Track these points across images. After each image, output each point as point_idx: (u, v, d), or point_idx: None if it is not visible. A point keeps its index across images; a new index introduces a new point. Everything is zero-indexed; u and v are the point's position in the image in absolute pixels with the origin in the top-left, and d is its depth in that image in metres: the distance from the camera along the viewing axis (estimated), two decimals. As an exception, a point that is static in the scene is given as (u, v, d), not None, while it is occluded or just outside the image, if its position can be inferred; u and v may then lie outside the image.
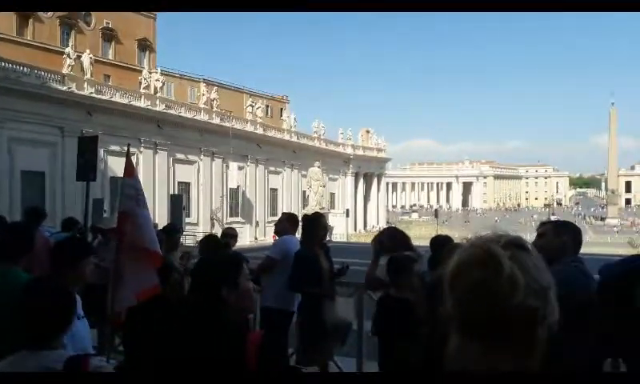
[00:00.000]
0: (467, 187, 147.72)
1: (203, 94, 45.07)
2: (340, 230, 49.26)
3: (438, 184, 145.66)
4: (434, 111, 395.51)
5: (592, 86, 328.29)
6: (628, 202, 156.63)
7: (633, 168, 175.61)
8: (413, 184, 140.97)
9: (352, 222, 59.32)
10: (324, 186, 48.66)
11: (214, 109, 44.51)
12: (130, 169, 4.94)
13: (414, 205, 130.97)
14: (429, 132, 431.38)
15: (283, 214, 6.97)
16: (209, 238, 6.60)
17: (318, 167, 47.35)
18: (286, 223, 6.22)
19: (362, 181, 67.63)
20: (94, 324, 4.71)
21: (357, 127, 71.65)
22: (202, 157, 42.07)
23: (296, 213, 8.71)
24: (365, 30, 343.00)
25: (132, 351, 2.13)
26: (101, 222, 10.22)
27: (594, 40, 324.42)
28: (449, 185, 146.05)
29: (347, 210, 56.51)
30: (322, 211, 44.13)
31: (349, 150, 64.99)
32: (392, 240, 5.00)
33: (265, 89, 74.76)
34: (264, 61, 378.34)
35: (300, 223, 5.91)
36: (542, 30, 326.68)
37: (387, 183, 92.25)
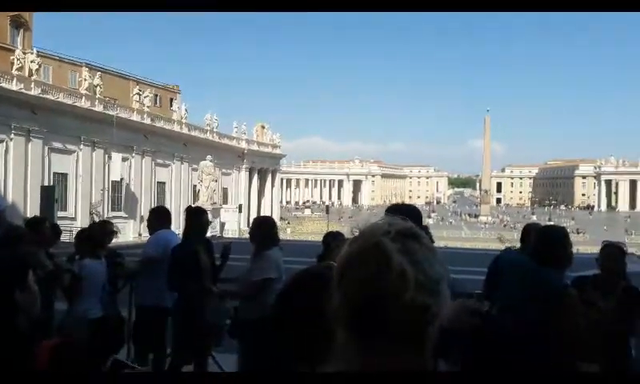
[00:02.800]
0: (357, 185, 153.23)
1: (85, 80, 41.71)
2: (233, 225, 48.50)
3: (330, 181, 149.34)
4: (326, 110, 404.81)
5: (470, 93, 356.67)
6: (499, 200, 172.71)
7: (503, 170, 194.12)
8: (306, 181, 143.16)
9: (245, 218, 58.75)
10: (216, 181, 47.57)
11: (97, 95, 41.45)
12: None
13: (307, 201, 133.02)
14: (322, 130, 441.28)
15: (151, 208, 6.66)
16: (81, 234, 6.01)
17: (210, 161, 46.17)
18: (151, 217, 5.95)
19: (256, 176, 67.21)
20: None
21: (252, 122, 71.02)
22: (81, 146, 39.00)
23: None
24: (260, 27, 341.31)
25: None
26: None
27: (473, 49, 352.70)
28: (340, 182, 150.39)
29: (240, 206, 55.82)
30: (213, 206, 43.44)
31: (243, 145, 64.23)
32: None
33: (155, 77, 71.21)
34: (155, 48, 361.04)
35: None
36: (429, 35, 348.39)
37: (281, 179, 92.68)
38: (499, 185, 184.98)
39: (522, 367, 2.47)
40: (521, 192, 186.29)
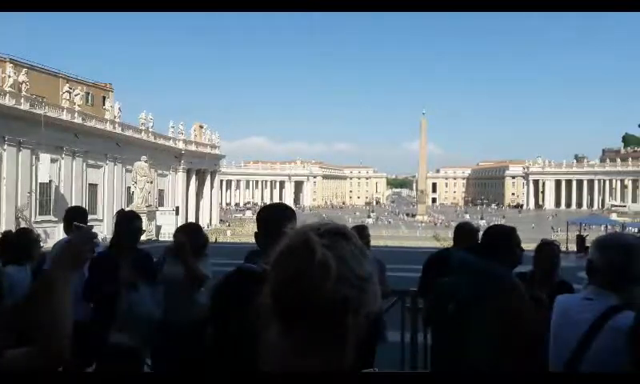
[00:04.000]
0: (299, 186, 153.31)
1: (9, 76, 39.07)
2: (169, 228, 47.01)
3: (271, 182, 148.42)
4: (268, 110, 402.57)
5: (407, 96, 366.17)
6: (434, 200, 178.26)
7: (438, 171, 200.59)
8: (247, 182, 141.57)
9: (183, 221, 57.16)
10: (151, 182, 45.98)
11: (23, 93, 38.96)
12: None
13: (248, 202, 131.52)
14: (263, 131, 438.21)
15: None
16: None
17: (145, 162, 44.56)
18: (65, 218, 5.24)
19: (194, 177, 65.64)
20: None
21: (189, 122, 69.28)
22: (5, 146, 36.49)
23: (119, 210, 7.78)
24: (201, 27, 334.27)
25: None
26: None
27: (410, 52, 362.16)
28: (282, 183, 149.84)
29: (177, 208, 54.25)
30: (149, 209, 41.96)
31: (180, 145, 62.55)
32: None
33: (87, 75, 67.86)
34: (87, 46, 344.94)
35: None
36: (370, 36, 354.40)
37: (221, 180, 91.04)
38: (434, 185, 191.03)
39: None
40: (455, 192, 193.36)
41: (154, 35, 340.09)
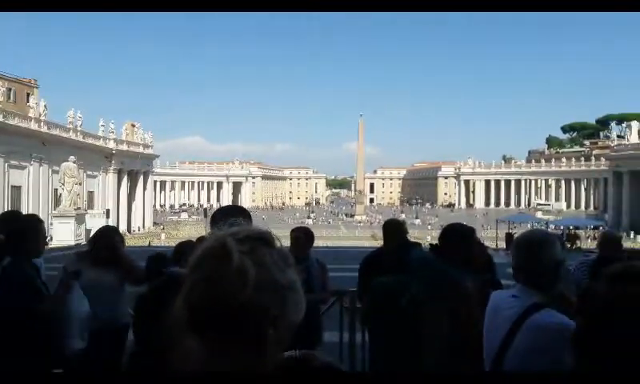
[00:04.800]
0: (237, 187, 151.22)
1: None
2: (100, 231, 44.91)
3: (208, 183, 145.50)
4: (204, 109, 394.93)
5: (346, 97, 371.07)
6: (372, 200, 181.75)
7: (375, 172, 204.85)
8: (182, 183, 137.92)
9: (113, 224, 54.82)
10: (80, 184, 43.74)
11: None
12: None
13: (184, 204, 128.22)
14: (199, 130, 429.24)
15: None
16: None
17: (74, 162, 42.33)
18: None
19: (125, 178, 63.13)
20: None
21: (121, 120, 66.58)
22: None
23: (46, 214, 7.23)
24: (133, 24, 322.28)
25: None
26: None
27: (349, 54, 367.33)
28: (219, 184, 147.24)
29: (107, 211, 52.00)
30: (77, 212, 39.86)
31: (111, 145, 59.95)
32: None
33: (8, 70, 63.62)
34: (10, 39, 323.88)
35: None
36: (307, 40, 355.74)
37: (155, 181, 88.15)
38: (372, 185, 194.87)
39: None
40: (391, 192, 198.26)
41: (84, 31, 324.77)
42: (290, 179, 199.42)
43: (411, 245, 4.31)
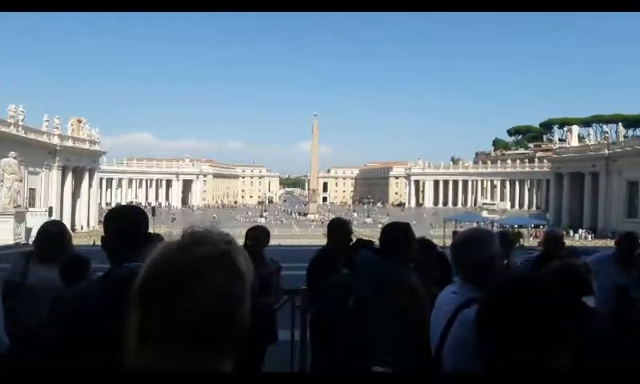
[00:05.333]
0: (187, 185, 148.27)
1: None
2: (42, 230, 42.95)
3: (157, 181, 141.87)
4: (153, 106, 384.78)
5: (300, 96, 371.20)
6: (325, 199, 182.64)
7: (329, 171, 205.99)
8: (130, 180, 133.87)
9: (57, 222, 52.66)
10: (21, 181, 41.68)
11: None
12: None
13: (132, 202, 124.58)
14: (148, 127, 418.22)
15: None
16: None
17: (14, 158, 40.32)
18: None
19: (70, 175, 60.64)
20: None
21: (66, 115, 63.82)
22: None
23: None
24: (81, 19, 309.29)
25: None
26: None
27: (303, 53, 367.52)
28: (169, 182, 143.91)
29: (50, 209, 49.77)
30: (17, 210, 37.98)
31: (55, 140, 57.42)
32: None
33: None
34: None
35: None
36: (261, 39, 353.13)
37: (101, 179, 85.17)
38: (325, 184, 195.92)
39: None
40: (344, 191, 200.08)
41: (28, 23, 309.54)
42: (243, 178, 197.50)
43: (363, 243, 4.33)
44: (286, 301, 6.19)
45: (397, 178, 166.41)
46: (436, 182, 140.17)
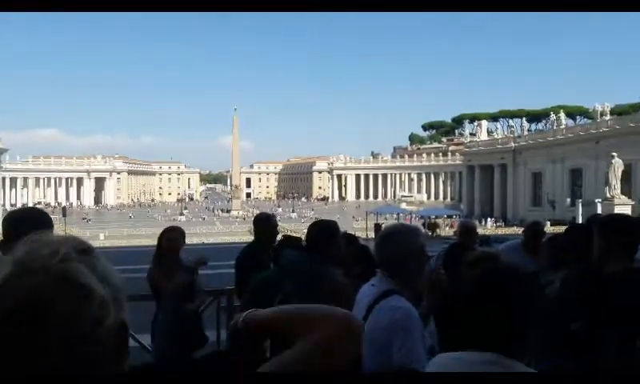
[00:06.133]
0: (100, 183, 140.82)
1: None
2: None
3: (67, 179, 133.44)
4: (59, 100, 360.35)
5: (219, 91, 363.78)
6: (249, 195, 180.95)
7: (252, 166, 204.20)
8: (37, 179, 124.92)
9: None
10: None
11: None
12: None
13: (39, 202, 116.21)
14: (55, 122, 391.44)
15: None
16: None
17: None
18: None
19: (-34, 175, 55.57)
20: None
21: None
22: None
23: None
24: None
25: None
26: None
27: (225, 47, 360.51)
28: (80, 180, 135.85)
29: (-55, 212, 45.36)
30: None
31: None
32: None
33: None
34: None
35: None
36: (180, 34, 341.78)
37: (4, 178, 78.72)
38: (249, 180, 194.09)
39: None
40: (268, 187, 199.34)
41: None
42: (160, 174, 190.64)
43: (290, 241, 4.30)
44: (211, 302, 6.04)
45: (320, 172, 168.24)
46: (357, 176, 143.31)
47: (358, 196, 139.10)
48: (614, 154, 39.66)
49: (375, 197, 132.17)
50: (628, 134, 48.91)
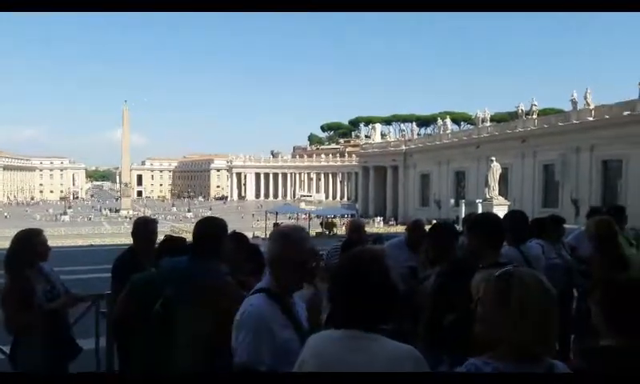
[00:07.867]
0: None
1: None
2: None
3: None
4: None
5: (109, 83, 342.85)
6: (140, 193, 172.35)
7: (144, 163, 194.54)
8: None
9: None
10: None
11: None
12: None
13: None
14: None
15: None
16: None
17: None
18: None
19: None
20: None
21: None
22: None
23: None
24: None
25: None
26: None
27: (114, 40, 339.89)
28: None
29: None
30: None
31: None
32: None
33: None
34: None
35: None
36: (69, 24, 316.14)
37: None
38: (140, 177, 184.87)
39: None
40: (161, 185, 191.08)
41: None
42: (41, 170, 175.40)
43: (173, 243, 4.12)
44: (90, 306, 5.65)
45: (218, 170, 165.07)
46: (257, 175, 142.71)
47: (257, 195, 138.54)
48: (493, 158, 43.14)
49: (275, 196, 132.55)
50: (505, 140, 53.71)
